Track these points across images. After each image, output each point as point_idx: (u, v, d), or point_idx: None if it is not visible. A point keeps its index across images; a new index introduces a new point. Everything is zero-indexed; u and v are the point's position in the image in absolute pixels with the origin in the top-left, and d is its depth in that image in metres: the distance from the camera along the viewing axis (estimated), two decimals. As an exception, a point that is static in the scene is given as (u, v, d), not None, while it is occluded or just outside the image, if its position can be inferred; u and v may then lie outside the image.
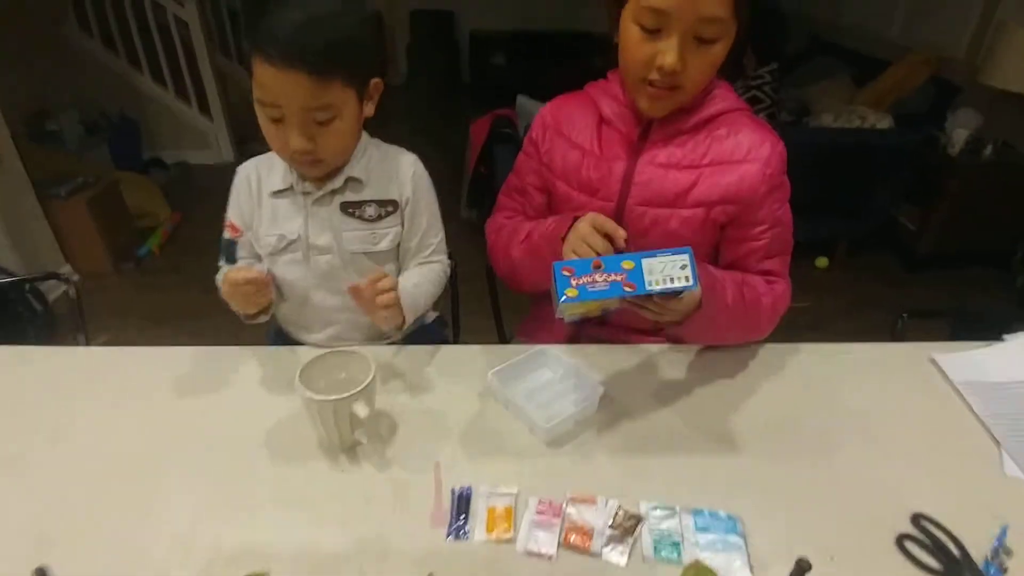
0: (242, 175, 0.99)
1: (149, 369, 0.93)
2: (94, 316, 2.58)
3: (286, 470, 0.76)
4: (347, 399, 0.70)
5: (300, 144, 0.84)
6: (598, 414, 0.86)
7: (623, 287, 0.68)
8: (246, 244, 0.99)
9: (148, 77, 3.70)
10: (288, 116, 0.82)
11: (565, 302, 0.68)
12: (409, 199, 0.98)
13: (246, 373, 0.93)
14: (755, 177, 0.90)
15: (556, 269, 0.69)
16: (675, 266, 0.69)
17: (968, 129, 2.69)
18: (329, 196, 0.94)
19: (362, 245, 0.97)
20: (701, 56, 0.82)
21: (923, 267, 2.91)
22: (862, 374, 0.96)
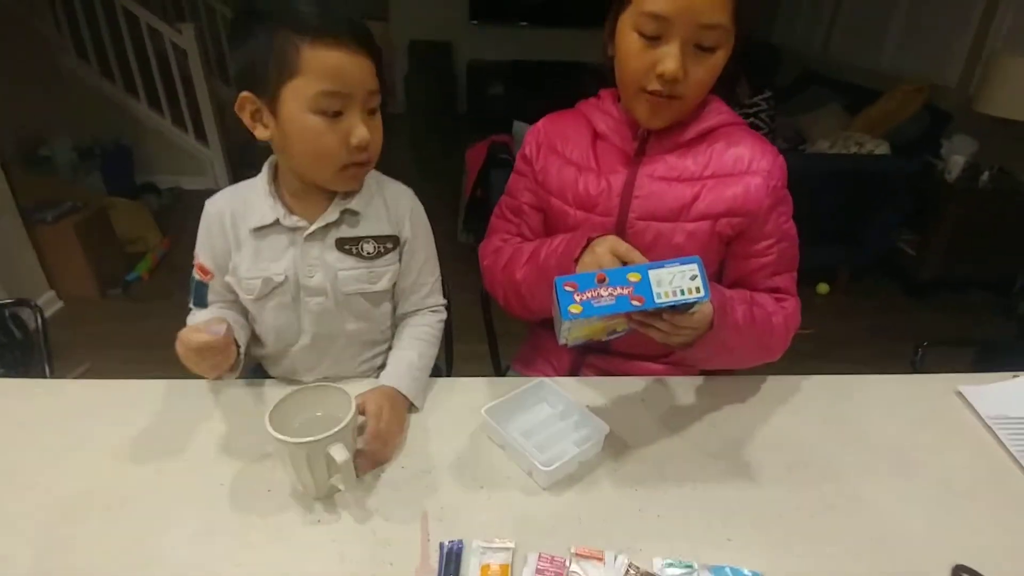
0: (212, 211, 0.86)
1: (109, 404, 0.86)
2: (77, 343, 2.53)
3: (253, 520, 0.67)
4: (322, 441, 0.62)
5: (365, 133, 0.76)
6: (604, 454, 0.78)
7: (630, 301, 0.63)
8: (220, 287, 0.89)
9: (144, 103, 3.69)
10: (351, 105, 0.75)
11: (570, 320, 0.63)
12: (408, 237, 0.91)
13: (216, 409, 0.85)
14: (760, 189, 0.87)
15: (558, 284, 0.64)
16: (684, 277, 0.64)
17: (964, 156, 2.71)
18: (323, 231, 0.84)
19: (359, 285, 0.88)
20: (701, 64, 0.80)
21: (924, 293, 2.91)
22: (885, 408, 0.90)
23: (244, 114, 0.77)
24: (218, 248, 0.87)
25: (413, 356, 0.90)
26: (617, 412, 0.86)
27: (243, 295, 0.87)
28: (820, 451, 0.81)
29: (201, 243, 0.88)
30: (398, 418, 0.80)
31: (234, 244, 0.85)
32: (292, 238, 0.84)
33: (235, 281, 0.87)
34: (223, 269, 0.87)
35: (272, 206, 0.83)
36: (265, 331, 0.91)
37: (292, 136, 0.76)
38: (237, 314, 0.90)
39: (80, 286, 2.67)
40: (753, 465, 0.78)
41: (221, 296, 0.90)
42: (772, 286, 0.92)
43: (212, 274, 0.87)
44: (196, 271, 0.87)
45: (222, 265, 0.87)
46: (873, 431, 0.85)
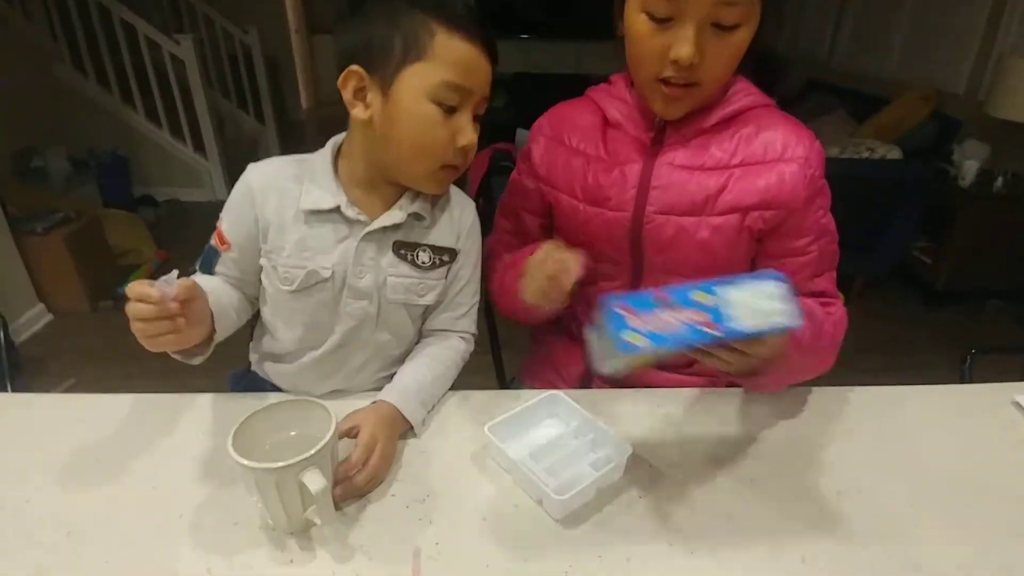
0: (255, 181, 0.76)
1: (65, 420, 0.76)
2: (65, 357, 2.44)
3: (215, 560, 0.57)
4: (294, 467, 0.53)
5: (473, 137, 0.72)
6: (625, 480, 0.68)
7: (704, 329, 0.51)
8: (232, 264, 0.78)
9: (142, 114, 3.65)
10: (466, 104, 0.71)
11: (628, 353, 0.50)
12: (461, 251, 0.83)
13: (186, 427, 0.75)
14: (795, 178, 0.77)
15: (607, 308, 0.52)
16: (762, 296, 0.53)
17: (977, 161, 2.66)
18: (382, 232, 0.76)
19: (406, 295, 0.80)
20: (721, 45, 0.70)
21: (941, 302, 2.83)
22: (937, 422, 0.80)
23: (346, 89, 0.70)
24: (250, 222, 0.76)
25: (427, 378, 0.80)
26: (637, 430, 0.76)
27: (278, 284, 0.77)
28: (871, 474, 0.70)
29: (230, 210, 0.77)
30: (393, 449, 0.70)
31: (276, 225, 0.75)
32: (349, 231, 0.76)
33: (270, 267, 0.77)
34: (246, 247, 0.77)
35: (334, 191, 0.75)
36: (288, 328, 0.80)
37: (400, 121, 0.70)
38: (235, 296, 0.80)
39: (70, 299, 2.60)
40: (798, 492, 0.68)
41: (230, 271, 0.79)
42: (816, 290, 0.83)
43: (229, 245, 0.77)
44: (214, 237, 0.78)
45: (246, 243, 0.77)
46: (925, 449, 0.75)
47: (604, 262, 0.86)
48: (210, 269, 0.79)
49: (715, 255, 0.80)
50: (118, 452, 0.71)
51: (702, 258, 0.80)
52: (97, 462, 0.69)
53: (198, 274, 0.79)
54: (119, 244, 2.91)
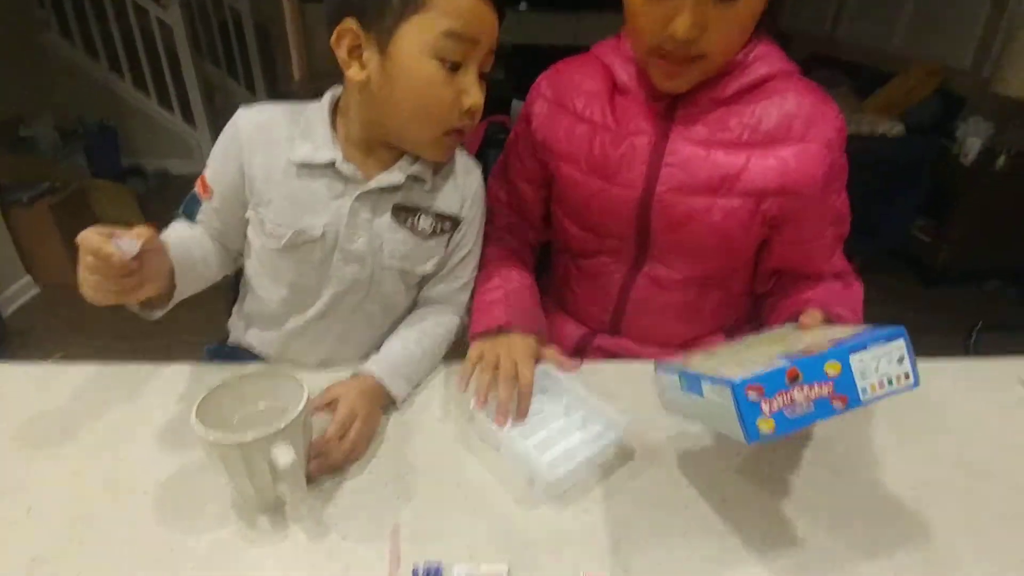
0: (245, 127, 0.71)
1: (33, 391, 0.73)
2: (52, 330, 2.40)
3: (180, 538, 0.54)
4: (260, 441, 0.49)
5: (480, 98, 0.67)
6: (617, 458, 0.65)
7: (832, 403, 0.48)
8: (213, 213, 0.74)
9: (129, 83, 3.56)
10: (472, 58, 0.66)
11: (752, 441, 0.46)
12: (465, 219, 0.79)
13: (152, 399, 0.72)
14: (816, 163, 0.72)
15: (738, 391, 0.46)
16: (892, 360, 0.49)
17: (980, 138, 2.62)
18: (379, 193, 0.72)
19: (402, 262, 0.76)
20: (723, 15, 0.63)
21: (940, 281, 2.80)
22: (940, 400, 0.77)
23: (340, 48, 0.65)
24: (235, 172, 0.71)
25: (416, 352, 0.76)
26: (632, 404, 0.73)
27: (264, 240, 0.72)
28: (871, 451, 0.68)
29: (216, 157, 0.73)
30: (372, 423, 0.67)
31: (263, 176, 0.70)
32: (344, 189, 0.71)
33: (257, 220, 0.72)
34: (229, 198, 0.73)
35: (329, 144, 0.70)
36: (273, 287, 0.76)
37: (399, 82, 0.64)
38: (211, 249, 0.75)
39: (56, 271, 2.54)
40: (794, 472, 0.65)
41: (211, 220, 0.75)
42: (834, 271, 0.80)
43: (211, 194, 0.73)
44: (198, 183, 0.73)
45: (229, 193, 0.72)
46: (929, 426, 0.72)
47: (607, 237, 0.82)
48: (192, 217, 0.75)
49: (726, 239, 0.76)
50: (82, 423, 0.67)
51: (712, 241, 0.76)
52: (61, 432, 0.66)
53: (180, 219, 0.75)
54: (107, 215, 2.85)
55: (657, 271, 0.82)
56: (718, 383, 0.48)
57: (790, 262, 0.81)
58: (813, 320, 0.63)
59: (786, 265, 0.81)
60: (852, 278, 0.81)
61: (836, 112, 0.74)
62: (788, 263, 0.81)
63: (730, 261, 0.81)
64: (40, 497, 0.58)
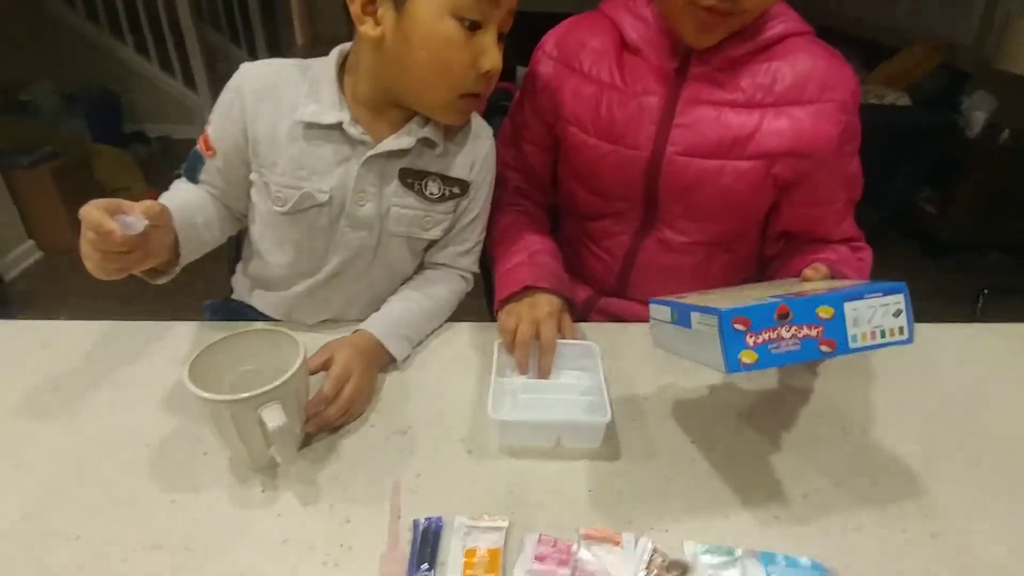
0: (248, 84, 0.68)
1: (33, 347, 0.72)
2: (56, 294, 2.41)
3: (178, 493, 0.54)
4: (250, 400, 0.48)
5: (498, 60, 0.64)
6: (623, 417, 0.64)
7: (819, 346, 0.47)
8: (216, 172, 0.72)
9: (131, 48, 3.51)
10: (491, 19, 0.62)
11: (731, 370, 0.46)
12: (473, 182, 0.76)
13: (152, 357, 0.71)
14: (830, 125, 0.70)
15: (724, 320, 0.46)
16: (887, 312, 0.48)
17: (985, 112, 2.61)
18: (387, 157, 0.69)
19: (409, 228, 0.73)
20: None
21: (944, 253, 2.80)
22: (948, 361, 0.76)
23: (354, 2, 0.62)
24: (238, 131, 0.69)
25: (416, 312, 0.75)
26: (634, 365, 0.72)
27: (269, 203, 0.70)
28: (879, 413, 0.67)
29: (218, 114, 0.70)
30: (370, 383, 0.66)
31: (267, 136, 0.68)
32: (352, 152, 0.68)
33: (261, 183, 0.70)
34: (232, 158, 0.70)
35: (337, 104, 0.67)
36: (279, 251, 0.75)
37: (415, 41, 0.61)
38: (213, 212, 0.73)
39: (60, 235, 2.54)
40: (800, 428, 0.64)
41: (213, 180, 0.73)
42: (845, 236, 0.78)
43: (214, 152, 0.70)
44: (200, 141, 0.71)
45: (232, 153, 0.70)
46: (936, 387, 0.71)
47: (615, 200, 0.80)
48: (194, 176, 0.73)
49: (736, 202, 0.74)
50: (79, 381, 0.67)
51: (722, 204, 0.75)
52: (56, 390, 0.65)
53: (181, 180, 0.74)
54: (109, 181, 2.84)
55: (664, 234, 0.80)
56: (707, 312, 0.48)
57: (800, 225, 0.79)
58: (817, 273, 0.62)
59: (796, 228, 0.80)
60: (861, 243, 0.80)
61: (851, 74, 0.72)
62: (798, 226, 0.79)
63: (739, 224, 0.80)
64: (34, 453, 0.57)
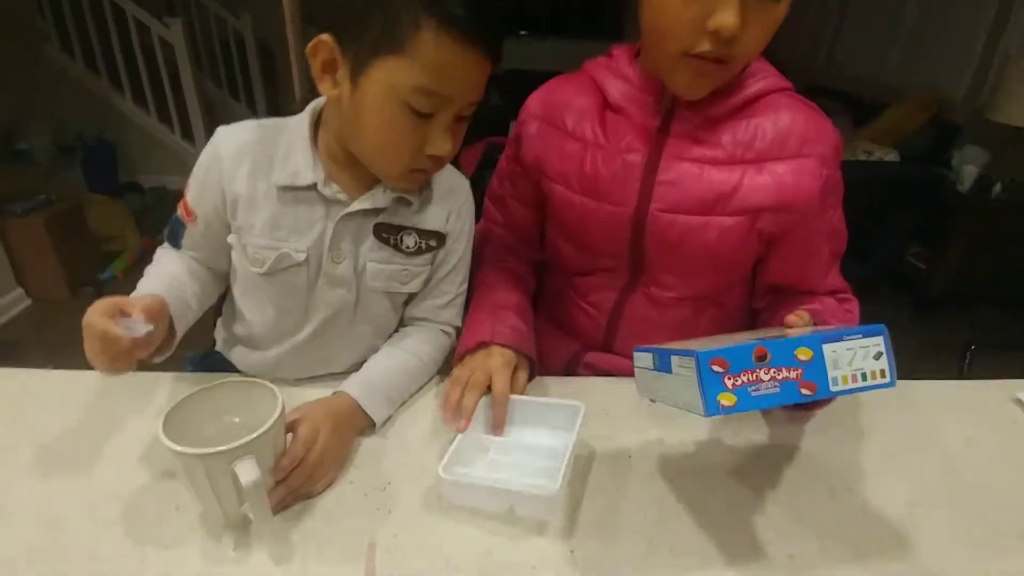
0: (226, 149, 0.68)
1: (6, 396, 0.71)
2: (42, 343, 2.38)
3: (147, 552, 0.52)
4: (225, 454, 0.47)
5: (446, 148, 0.63)
6: (604, 473, 0.64)
7: (799, 389, 0.47)
8: (200, 237, 0.72)
9: (129, 99, 3.58)
10: (445, 114, 0.61)
11: (716, 415, 0.46)
12: (450, 234, 0.76)
13: (128, 408, 0.70)
14: (812, 178, 0.71)
15: (701, 362, 0.46)
16: (868, 355, 0.48)
17: (976, 166, 2.64)
18: (363, 214, 0.69)
19: (388, 283, 0.73)
20: (763, 16, 0.62)
21: (934, 309, 2.80)
22: (935, 420, 0.76)
23: (315, 60, 0.62)
24: (217, 195, 0.69)
25: (397, 372, 0.73)
26: (622, 421, 0.72)
27: (248, 266, 0.70)
28: (865, 471, 0.66)
29: (197, 179, 0.70)
30: (340, 446, 0.63)
31: (247, 200, 0.68)
32: (326, 211, 0.69)
33: (239, 246, 0.70)
34: (213, 221, 0.70)
35: (311, 165, 0.67)
36: (259, 312, 0.75)
37: (365, 115, 0.62)
38: (199, 282, 0.73)
39: (50, 284, 2.54)
40: (786, 487, 0.63)
41: (196, 245, 0.73)
42: (831, 289, 0.79)
43: (194, 217, 0.70)
44: (180, 207, 0.71)
45: (213, 217, 0.70)
46: (924, 446, 0.71)
47: (601, 256, 0.81)
48: (176, 242, 0.74)
49: (722, 257, 0.75)
50: (56, 430, 0.66)
51: (708, 259, 0.75)
52: (34, 438, 0.64)
53: (164, 246, 0.74)
54: (102, 230, 2.86)
55: (651, 290, 0.81)
56: (685, 355, 0.48)
57: (787, 278, 0.80)
58: (800, 320, 0.62)
59: (783, 281, 0.81)
60: (848, 295, 0.81)
61: (831, 127, 0.74)
62: (785, 279, 0.80)
63: (726, 279, 0.80)
64: (6, 502, 0.56)
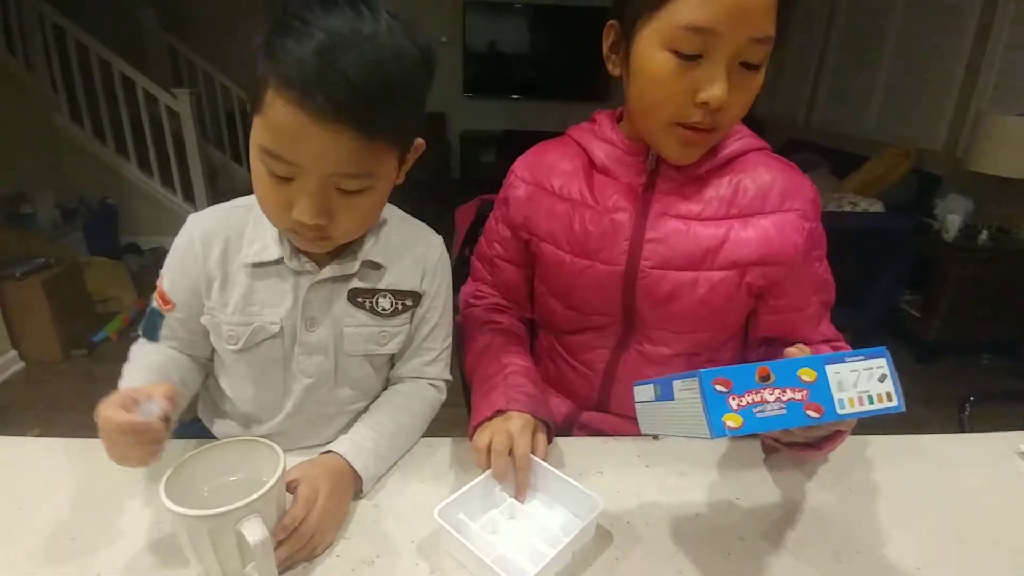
0: (197, 233, 0.69)
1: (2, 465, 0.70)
2: (33, 405, 2.34)
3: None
4: (230, 515, 0.47)
5: (312, 218, 0.59)
6: (603, 540, 0.62)
7: (805, 411, 0.47)
8: (177, 324, 0.72)
9: (135, 165, 3.67)
10: (305, 180, 0.57)
11: (721, 436, 0.45)
12: (427, 292, 0.77)
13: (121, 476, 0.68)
14: (794, 232, 0.74)
15: (704, 380, 0.45)
16: (872, 377, 0.49)
17: (959, 215, 2.70)
18: (333, 280, 0.70)
19: (366, 346, 0.73)
20: (745, 86, 0.65)
21: (933, 356, 2.81)
22: (939, 476, 0.75)
23: None
24: (195, 276, 0.69)
25: (387, 428, 0.72)
26: (618, 482, 0.71)
27: (223, 344, 0.71)
28: (870, 529, 0.65)
29: (172, 267, 0.71)
30: (338, 506, 0.62)
31: (220, 280, 0.69)
32: (296, 282, 0.69)
33: (213, 326, 0.71)
34: (192, 304, 0.71)
35: (276, 239, 0.68)
36: (239, 390, 0.75)
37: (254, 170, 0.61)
38: (182, 367, 0.73)
39: (43, 346, 2.52)
40: (792, 553, 0.62)
41: (176, 333, 0.73)
42: (824, 338, 0.80)
43: (173, 305, 0.71)
44: (156, 297, 0.71)
45: (192, 300, 0.70)
46: (929, 503, 0.70)
47: (592, 314, 0.82)
48: (154, 335, 0.72)
49: (713, 311, 0.76)
50: (44, 499, 0.64)
51: (699, 314, 0.76)
52: (20, 507, 0.63)
53: (140, 343, 0.73)
54: (99, 291, 2.87)
55: (644, 347, 0.81)
56: (688, 377, 0.47)
57: (778, 331, 0.81)
58: (800, 352, 0.61)
59: (775, 333, 0.82)
60: (842, 344, 0.82)
61: (809, 183, 0.77)
62: (776, 331, 0.81)
63: (718, 333, 0.81)
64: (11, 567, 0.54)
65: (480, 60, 5.56)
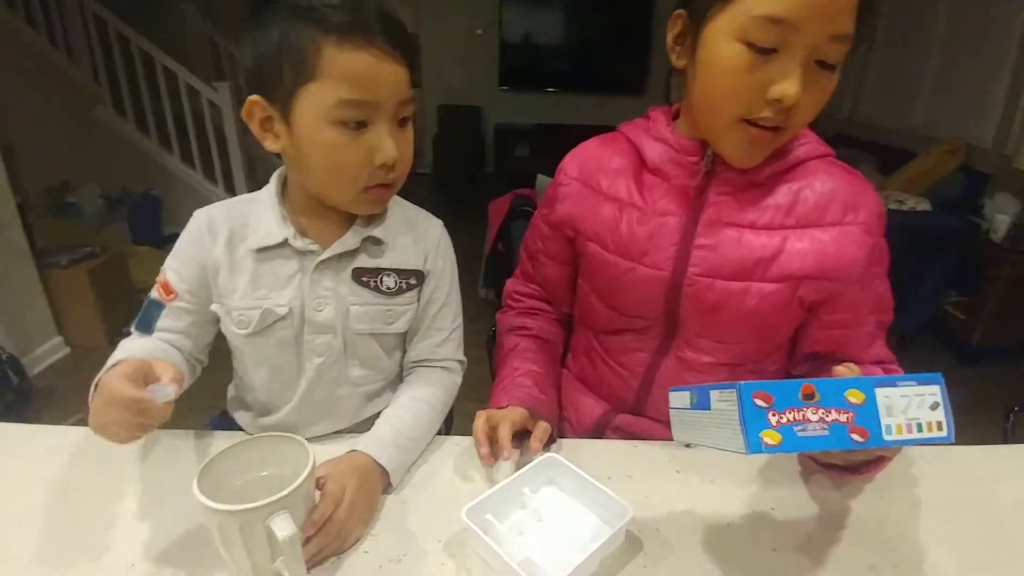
0: (204, 223, 0.72)
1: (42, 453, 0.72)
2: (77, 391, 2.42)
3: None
4: (260, 510, 0.47)
5: (392, 152, 0.65)
6: (632, 548, 0.61)
7: (849, 435, 0.44)
8: (178, 313, 0.73)
9: (177, 157, 3.77)
10: (378, 116, 0.64)
11: (758, 452, 0.43)
12: (431, 272, 0.79)
13: (155, 467, 0.70)
14: (855, 247, 0.69)
15: (744, 393, 0.43)
16: (923, 404, 0.46)
17: (1008, 215, 2.60)
18: (338, 259, 0.73)
19: (372, 324, 0.75)
20: (819, 86, 0.62)
21: (978, 360, 2.70)
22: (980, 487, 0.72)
23: (252, 122, 0.66)
24: (201, 264, 0.72)
25: (405, 421, 0.74)
26: (648, 489, 0.69)
27: (235, 329, 0.73)
28: (910, 542, 0.62)
29: (178, 257, 0.73)
30: (366, 501, 0.63)
31: (227, 267, 0.72)
32: (301, 263, 0.72)
33: (223, 312, 0.73)
34: (198, 292, 0.73)
35: (280, 224, 0.71)
36: (255, 374, 0.77)
37: (306, 150, 0.65)
38: (177, 360, 0.74)
39: (88, 332, 2.62)
40: (826, 565, 0.59)
41: (176, 325, 0.74)
42: (875, 359, 0.76)
43: (176, 294, 0.72)
44: (157, 288, 0.73)
45: (199, 288, 0.73)
46: (969, 515, 0.67)
47: (634, 317, 0.79)
48: (149, 327, 0.73)
49: (761, 323, 0.73)
50: (78, 489, 0.66)
51: (746, 325, 0.73)
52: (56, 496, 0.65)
53: (134, 335, 0.74)
54: (143, 280, 2.96)
55: (686, 354, 0.78)
56: (727, 389, 0.45)
57: (828, 347, 0.77)
58: (849, 372, 0.58)
59: (824, 350, 0.78)
60: (894, 366, 0.77)
61: (875, 195, 0.72)
62: (826, 348, 0.77)
63: (764, 345, 0.78)
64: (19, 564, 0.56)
65: (516, 53, 5.53)
